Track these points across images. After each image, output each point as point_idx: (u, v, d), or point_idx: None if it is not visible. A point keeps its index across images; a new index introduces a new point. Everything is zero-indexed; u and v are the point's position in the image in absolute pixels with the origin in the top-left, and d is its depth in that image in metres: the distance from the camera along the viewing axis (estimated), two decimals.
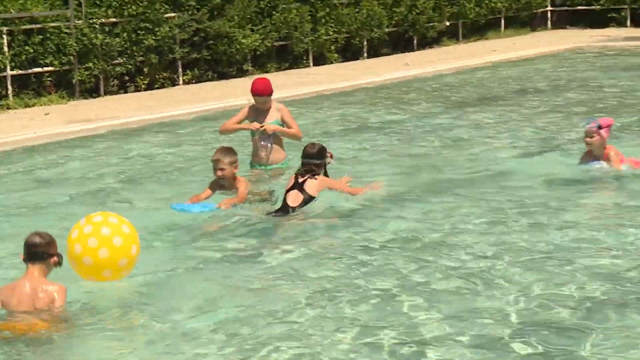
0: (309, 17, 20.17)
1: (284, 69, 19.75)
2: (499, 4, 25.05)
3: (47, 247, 5.77)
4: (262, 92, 9.47)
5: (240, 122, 9.64)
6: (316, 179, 8.09)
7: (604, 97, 14.69)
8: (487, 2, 24.70)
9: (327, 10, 20.64)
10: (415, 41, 23.14)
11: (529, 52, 21.27)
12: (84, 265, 5.94)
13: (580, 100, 14.39)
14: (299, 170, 8.24)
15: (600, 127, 8.89)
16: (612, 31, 24.66)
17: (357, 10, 21.31)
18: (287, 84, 16.25)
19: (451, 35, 24.32)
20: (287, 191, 8.11)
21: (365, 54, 21.80)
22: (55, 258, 5.79)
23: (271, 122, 9.44)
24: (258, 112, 9.54)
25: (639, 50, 20.82)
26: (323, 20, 20.51)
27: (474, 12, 24.37)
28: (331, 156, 8.42)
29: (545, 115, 13.18)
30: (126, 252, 5.96)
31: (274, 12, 19.51)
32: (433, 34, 23.59)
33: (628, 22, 25.56)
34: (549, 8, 27.05)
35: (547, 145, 10.96)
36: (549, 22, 27.11)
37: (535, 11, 26.75)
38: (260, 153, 9.55)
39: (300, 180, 8.10)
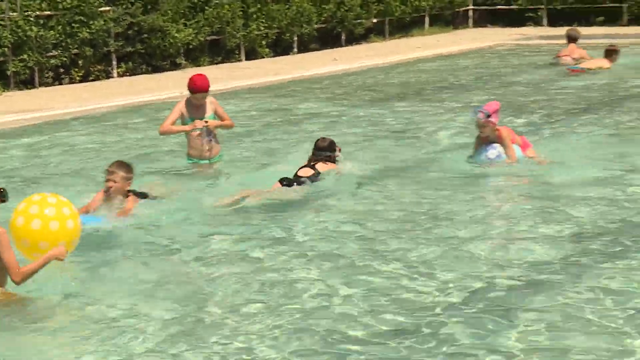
0: (241, 13, 20.12)
1: (216, 63, 19.67)
2: (423, 3, 25.28)
3: None
4: (202, 89, 9.40)
5: (177, 119, 9.40)
6: (327, 164, 8.52)
7: (519, 92, 14.86)
8: (412, 0, 24.92)
9: (259, 6, 20.59)
10: (343, 37, 23.23)
11: (451, 49, 21.48)
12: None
13: (497, 95, 14.47)
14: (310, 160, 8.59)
15: (489, 116, 8.81)
16: (529, 30, 25.04)
17: (287, 6, 21.30)
18: (220, 78, 16.16)
19: (378, 32, 24.45)
20: (300, 169, 8.46)
21: (295, 49, 21.82)
22: None
23: (208, 117, 9.38)
24: (194, 107, 9.40)
25: (554, 48, 21.15)
26: (254, 16, 20.47)
27: (399, 10, 24.56)
28: (339, 150, 8.73)
29: (465, 109, 13.27)
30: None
31: (206, 8, 19.41)
32: (360, 31, 23.70)
33: (544, 22, 25.96)
34: (471, 7, 27.36)
35: (464, 140, 10.92)
36: (470, 21, 27.42)
37: (457, 10, 27.03)
38: (205, 148, 9.43)
39: (313, 163, 8.51)
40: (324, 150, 8.63)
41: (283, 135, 11.71)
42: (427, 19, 25.90)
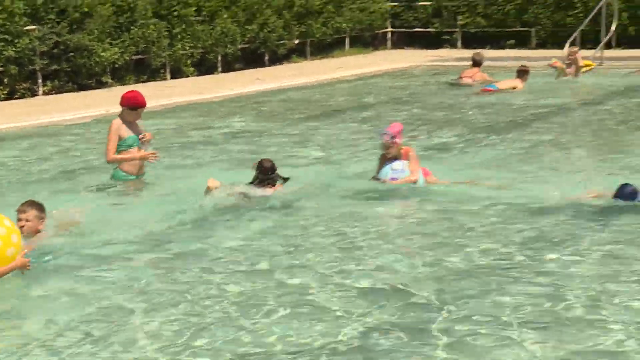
0: (166, 33, 20.04)
1: (142, 82, 19.54)
2: (343, 25, 25.54)
3: None
4: (144, 103, 9.33)
5: (117, 142, 9.12)
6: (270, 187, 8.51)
7: (434, 111, 15.08)
8: (332, 22, 25.16)
9: (184, 26, 20.54)
10: (266, 57, 23.29)
11: (370, 69, 21.68)
12: None
13: (413, 114, 14.74)
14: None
15: (394, 137, 8.94)
16: (445, 52, 25.44)
17: (211, 27, 21.29)
18: (145, 96, 16.02)
19: (300, 53, 24.58)
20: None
21: (220, 69, 21.81)
22: None
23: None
24: (132, 124, 9.25)
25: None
26: (179, 36, 20.41)
27: (320, 32, 24.77)
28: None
29: (382, 127, 13.40)
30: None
31: (132, 27, 19.29)
32: (283, 51, 23.80)
33: (459, 44, 26.41)
34: (389, 29, 27.72)
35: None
36: (389, 42, 27.77)
37: (376, 32, 27.34)
38: (141, 164, 9.32)
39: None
40: (269, 172, 8.50)
41: (207, 152, 11.65)
42: (347, 41, 26.16)
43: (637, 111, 14.33)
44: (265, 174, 8.51)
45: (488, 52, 24.41)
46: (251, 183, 8.53)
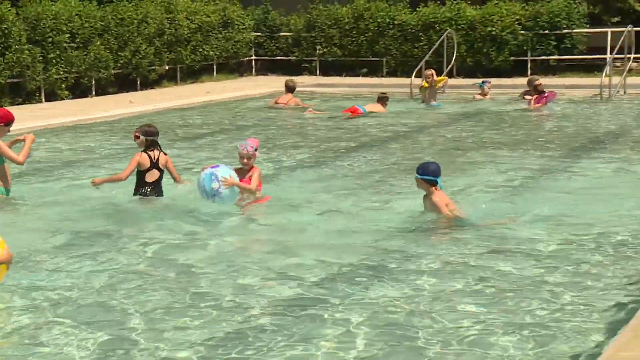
0: (41, 58, 19.59)
1: (17, 104, 19.00)
2: (211, 52, 25.56)
3: None
4: (14, 118, 9.05)
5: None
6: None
7: (294, 133, 15.24)
8: (201, 50, 25.14)
9: (58, 52, 20.13)
10: (138, 82, 23.06)
11: (236, 94, 21.74)
12: None
13: (275, 135, 14.84)
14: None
15: (255, 149, 8.71)
16: (305, 78, 25.73)
17: (85, 53, 20.93)
18: (20, 118, 15.57)
19: (170, 78, 24.45)
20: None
21: (94, 92, 21.45)
22: None
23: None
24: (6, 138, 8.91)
25: (326, 93, 21.92)
26: (54, 61, 19.99)
27: (190, 59, 24.71)
28: None
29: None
30: None
31: (7, 52, 18.76)
32: (154, 77, 23.62)
33: (317, 71, 26.82)
34: (254, 57, 27.88)
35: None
36: (253, 69, 27.92)
37: (242, 59, 27.46)
38: (8, 178, 8.93)
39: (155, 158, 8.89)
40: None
41: (79, 172, 11.34)
42: (214, 67, 26.17)
43: (472, 134, 14.77)
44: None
45: (344, 79, 25.04)
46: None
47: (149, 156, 8.93)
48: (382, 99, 17.64)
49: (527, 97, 18.39)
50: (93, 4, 21.82)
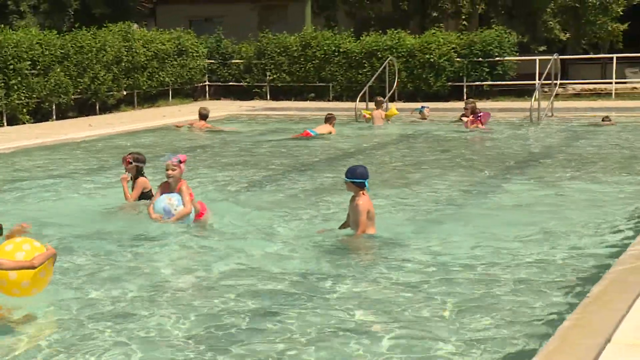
0: (3, 84, 19.37)
1: None
2: (166, 78, 25.50)
3: None
4: None
5: None
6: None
7: (249, 152, 15.29)
8: (157, 76, 25.07)
9: (19, 78, 19.91)
10: (97, 107, 22.89)
11: (192, 117, 21.66)
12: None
13: (224, 156, 14.86)
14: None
15: (180, 162, 8.45)
16: (256, 102, 25.84)
17: (46, 79, 20.74)
18: None
19: (128, 102, 24.31)
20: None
21: (54, 117, 21.24)
22: None
23: None
24: None
25: (275, 116, 22.02)
26: (15, 87, 19.77)
27: (146, 84, 24.62)
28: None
29: (204, 166, 13.42)
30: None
31: None
32: (113, 101, 23.47)
33: (268, 96, 26.89)
34: (207, 83, 27.87)
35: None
36: (207, 94, 27.90)
37: (196, 85, 27.42)
38: None
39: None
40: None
41: (41, 192, 11.24)
42: (170, 92, 26.10)
43: (410, 154, 14.94)
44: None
45: (293, 104, 25.15)
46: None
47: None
48: (329, 119, 17.83)
49: (464, 118, 18.71)
50: (53, 33, 21.66)
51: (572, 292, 6.32)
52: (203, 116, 18.98)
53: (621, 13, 26.19)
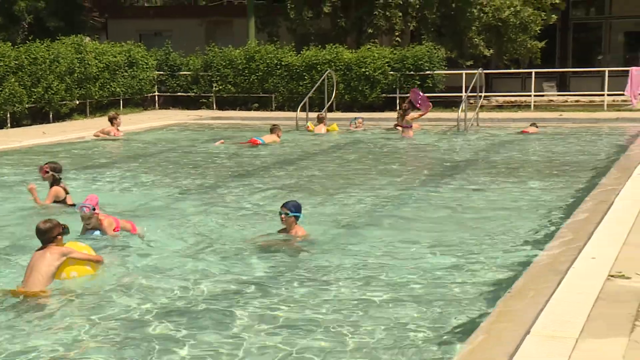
0: None
1: None
2: (117, 89, 25.18)
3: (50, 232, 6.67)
4: None
5: None
6: None
7: (195, 160, 15.21)
8: (108, 86, 24.74)
9: None
10: (51, 115, 22.47)
11: (142, 125, 21.46)
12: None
13: (174, 163, 14.76)
14: None
15: (94, 209, 7.96)
16: (203, 112, 25.66)
17: (0, 89, 20.29)
18: None
19: (81, 111, 23.93)
20: None
21: (9, 125, 20.78)
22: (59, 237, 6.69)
23: None
24: None
25: (222, 125, 21.92)
26: None
27: (98, 94, 24.27)
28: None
29: (151, 173, 13.28)
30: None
31: None
32: (66, 110, 23.07)
33: (214, 106, 26.74)
34: (157, 93, 27.59)
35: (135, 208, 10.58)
36: (156, 104, 27.61)
37: (146, 95, 27.12)
38: None
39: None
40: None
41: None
42: (121, 102, 25.76)
43: (346, 161, 15.01)
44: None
45: (238, 113, 25.06)
46: None
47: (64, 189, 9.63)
48: (274, 129, 17.84)
49: (399, 127, 18.92)
50: (7, 45, 21.22)
51: (495, 288, 6.44)
52: (110, 119, 18.79)
53: (539, 32, 26.74)
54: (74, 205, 9.31)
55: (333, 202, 10.51)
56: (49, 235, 6.64)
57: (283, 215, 8.01)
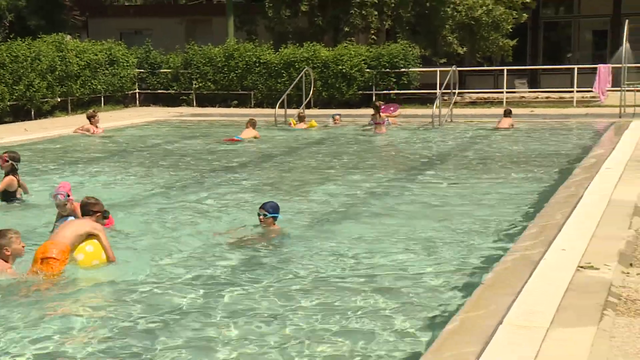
0: None
1: None
2: (99, 86, 25.00)
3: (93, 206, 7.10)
4: None
5: None
6: None
7: (175, 155, 15.13)
8: (89, 84, 24.55)
9: None
10: (33, 112, 22.26)
11: (122, 122, 21.33)
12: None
13: (164, 156, 14.71)
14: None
15: (68, 195, 7.81)
16: (183, 109, 25.54)
17: None
18: None
19: (62, 108, 23.71)
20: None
21: None
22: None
23: None
24: None
25: (202, 122, 21.83)
26: None
27: (79, 92, 24.08)
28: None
29: (134, 174, 13.23)
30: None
31: None
32: (47, 107, 22.85)
33: (194, 103, 26.63)
34: (137, 90, 27.41)
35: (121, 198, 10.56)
36: (137, 101, 27.44)
37: (127, 92, 26.94)
38: None
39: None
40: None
41: None
42: (102, 99, 25.58)
43: (323, 156, 14.99)
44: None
45: (217, 110, 24.98)
46: None
47: (17, 179, 9.73)
48: (252, 124, 17.78)
49: (372, 121, 19.00)
50: None
51: (469, 279, 6.48)
52: (88, 117, 18.68)
53: (510, 30, 26.87)
54: (21, 199, 9.55)
55: (308, 196, 10.51)
56: (89, 208, 7.03)
57: (261, 217, 8.00)
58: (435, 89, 23.90)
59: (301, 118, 20.13)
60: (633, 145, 13.82)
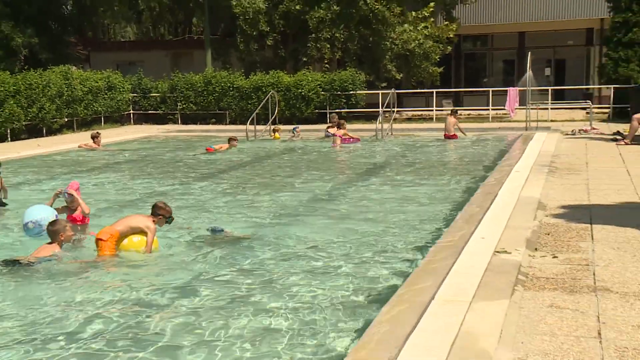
0: None
1: None
2: (99, 108, 24.64)
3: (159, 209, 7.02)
4: None
5: None
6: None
7: (165, 165, 14.95)
8: (91, 106, 24.19)
9: None
10: (44, 130, 21.84)
11: (119, 138, 21.03)
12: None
13: (150, 167, 14.52)
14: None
15: (72, 195, 7.63)
16: (170, 126, 25.24)
17: (1, 110, 19.62)
18: None
19: (69, 127, 23.32)
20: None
21: (9, 139, 20.11)
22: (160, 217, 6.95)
23: None
24: None
25: (187, 137, 21.61)
26: None
27: (83, 113, 23.70)
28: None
29: (130, 180, 13.04)
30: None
31: None
32: (57, 126, 22.45)
33: (179, 121, 26.36)
34: (132, 111, 27.05)
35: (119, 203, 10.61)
36: (132, 120, 27.07)
37: (123, 113, 26.58)
38: None
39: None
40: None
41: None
42: (102, 119, 25.19)
43: (285, 164, 14.93)
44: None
45: (198, 127, 24.74)
46: None
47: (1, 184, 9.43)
48: (232, 140, 17.86)
49: (330, 130, 19.01)
50: (6, 73, 20.67)
51: (405, 265, 6.49)
52: (92, 137, 18.26)
53: (438, 59, 27.14)
54: (3, 204, 9.08)
55: (271, 198, 10.39)
56: (156, 209, 6.99)
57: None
58: (378, 108, 24.02)
59: (276, 130, 20.27)
60: (536, 152, 14.04)
